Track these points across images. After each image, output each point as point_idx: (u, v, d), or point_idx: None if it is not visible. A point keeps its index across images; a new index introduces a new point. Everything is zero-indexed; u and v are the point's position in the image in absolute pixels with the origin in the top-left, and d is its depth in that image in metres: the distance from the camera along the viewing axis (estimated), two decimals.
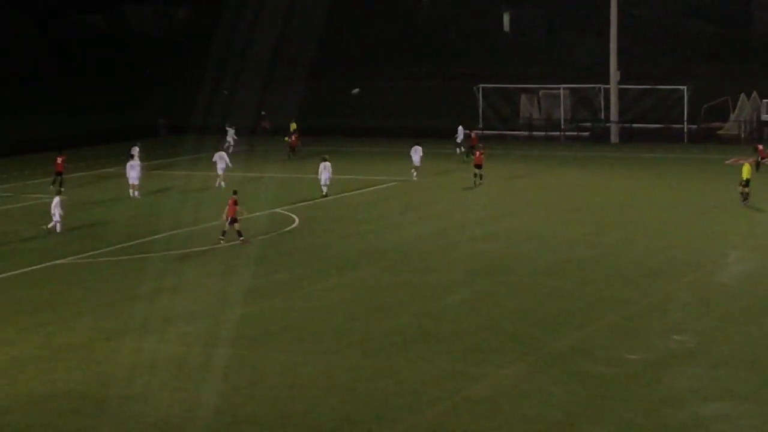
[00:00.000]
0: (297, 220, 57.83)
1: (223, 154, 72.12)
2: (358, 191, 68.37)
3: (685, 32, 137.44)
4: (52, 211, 54.96)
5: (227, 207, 52.29)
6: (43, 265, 49.45)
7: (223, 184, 69.70)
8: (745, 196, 60.64)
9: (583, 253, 50.18)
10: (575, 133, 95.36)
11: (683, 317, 39.28)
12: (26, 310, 41.72)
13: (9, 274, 47.76)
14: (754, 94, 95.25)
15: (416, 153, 73.80)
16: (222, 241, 52.06)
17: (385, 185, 70.49)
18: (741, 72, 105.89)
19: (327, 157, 67.92)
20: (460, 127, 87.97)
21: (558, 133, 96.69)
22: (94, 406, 30.98)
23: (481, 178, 69.67)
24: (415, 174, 72.62)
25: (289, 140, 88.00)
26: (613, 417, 29.62)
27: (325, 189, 65.20)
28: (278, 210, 59.73)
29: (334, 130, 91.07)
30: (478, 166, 70.35)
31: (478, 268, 47.50)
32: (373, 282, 45.74)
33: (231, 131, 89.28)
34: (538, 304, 41.46)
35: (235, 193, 54.01)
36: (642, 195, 66.24)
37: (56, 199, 55.68)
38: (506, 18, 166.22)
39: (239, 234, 52.16)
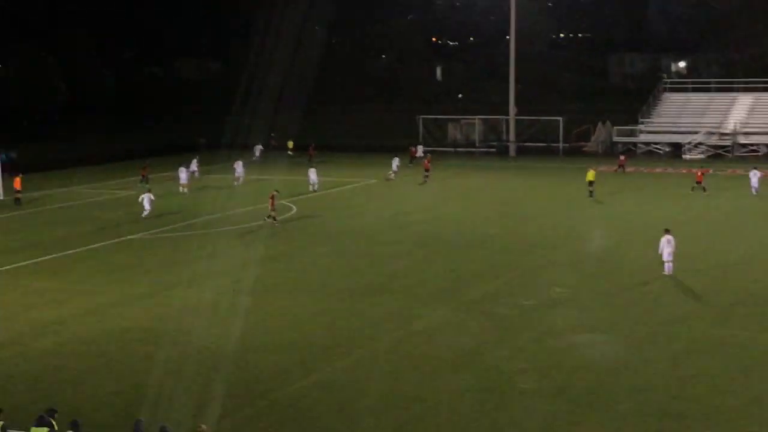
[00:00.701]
0: (295, 208, 57.79)
1: (240, 162, 72.16)
2: (336, 189, 68.31)
3: (562, 81, 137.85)
4: (144, 205, 54.62)
5: (270, 199, 52.09)
6: (121, 239, 49.37)
7: (235, 183, 70.11)
8: (590, 193, 61.07)
9: (491, 231, 50.29)
10: (486, 149, 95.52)
11: (560, 275, 39.42)
12: (108, 270, 41.71)
13: (98, 244, 47.65)
14: (608, 122, 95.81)
15: (395, 162, 74.52)
16: (276, 224, 51.75)
17: (355, 185, 70.48)
18: (598, 107, 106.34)
19: (314, 164, 68.71)
20: (421, 146, 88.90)
21: (474, 149, 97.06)
22: (155, 337, 31.12)
23: (426, 179, 70.34)
24: (392, 176, 72.89)
25: (292, 153, 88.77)
26: (511, 343, 29.95)
27: (312, 187, 65.34)
28: (282, 201, 59.66)
29: (321, 147, 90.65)
30: (427, 170, 71.09)
31: (419, 241, 47.59)
32: (346, 251, 45.80)
33: (258, 147, 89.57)
34: (459, 266, 41.62)
35: (276, 191, 53.86)
36: (531, 192, 66.43)
37: (146, 195, 55.37)
38: (438, 69, 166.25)
39: (274, 218, 51.89)
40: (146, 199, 54.79)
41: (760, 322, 32.09)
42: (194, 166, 74.27)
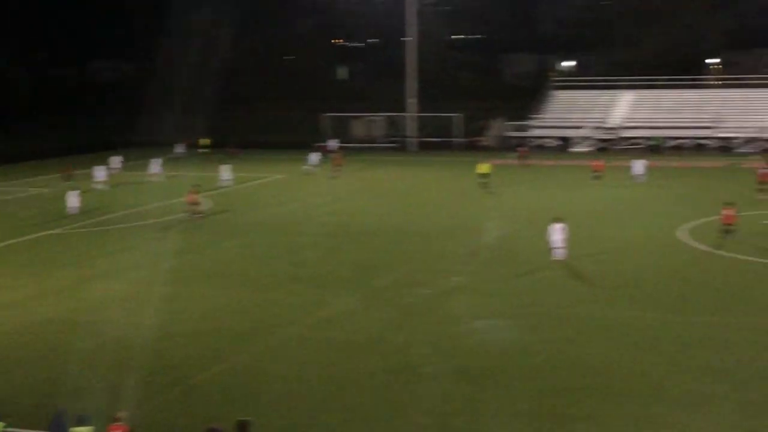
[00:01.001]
0: (209, 203, 57.31)
1: (159, 160, 71.42)
2: (247, 184, 67.93)
3: (458, 80, 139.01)
4: (71, 202, 53.65)
5: (191, 195, 51.75)
6: (39, 234, 48.41)
7: (153, 180, 69.34)
8: (484, 185, 61.52)
9: (393, 221, 50.56)
10: (388, 145, 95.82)
11: (459, 264, 39.72)
12: (26, 265, 40.92)
13: (15, 240, 46.75)
14: (501, 119, 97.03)
15: (313, 157, 75.23)
16: (197, 217, 51.39)
17: (265, 179, 70.15)
18: (493, 105, 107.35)
19: (227, 161, 68.35)
20: (333, 141, 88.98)
21: (377, 145, 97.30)
22: (73, 328, 30.57)
23: (338, 173, 70.92)
24: (313, 169, 73.26)
25: (209, 150, 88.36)
26: (413, 329, 30.11)
27: (226, 183, 64.85)
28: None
29: (231, 144, 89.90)
30: (338, 165, 71.81)
31: (327, 233, 47.56)
32: (259, 242, 45.63)
33: (181, 144, 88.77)
34: (365, 255, 41.78)
35: (196, 185, 53.63)
36: (431, 184, 66.97)
37: (72, 192, 54.38)
38: (342, 69, 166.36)
39: (196, 213, 51.51)
40: (72, 197, 53.78)
41: (645, 302, 32.81)
42: (117, 163, 73.73)
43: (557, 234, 38.76)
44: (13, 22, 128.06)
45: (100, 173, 65.87)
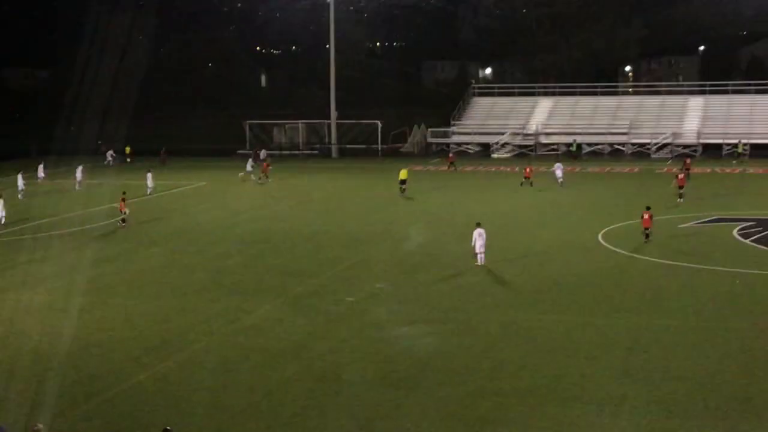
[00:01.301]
0: (127, 211, 56.47)
1: (80, 167, 70.40)
2: (169, 191, 67.21)
3: (379, 87, 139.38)
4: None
5: (120, 203, 51.34)
6: None
7: (77, 188, 68.26)
8: (402, 190, 61.94)
9: (315, 228, 50.40)
10: (309, 152, 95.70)
11: (381, 271, 39.73)
12: None
13: None
14: (422, 125, 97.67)
15: (249, 163, 74.45)
16: (124, 225, 51.03)
17: (186, 187, 69.47)
18: (414, 112, 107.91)
19: (151, 169, 67.61)
20: (264, 150, 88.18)
21: (298, 151, 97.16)
22: None
23: (265, 180, 70.64)
24: (249, 176, 72.44)
25: (130, 160, 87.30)
26: (336, 335, 30.04)
27: (148, 191, 64.20)
28: (115, 205, 58.28)
29: (155, 152, 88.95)
30: (265, 172, 71.59)
31: (248, 240, 47.32)
32: (179, 250, 45.12)
33: (110, 153, 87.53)
34: (287, 262, 41.57)
35: (124, 193, 53.26)
36: (352, 191, 66.96)
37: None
38: (263, 77, 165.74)
39: (123, 221, 51.08)
40: None
41: (564, 305, 33.18)
42: (41, 172, 72.39)
43: (479, 239, 39.15)
44: None
45: (20, 182, 64.49)
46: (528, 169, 66.49)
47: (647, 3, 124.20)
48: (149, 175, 65.81)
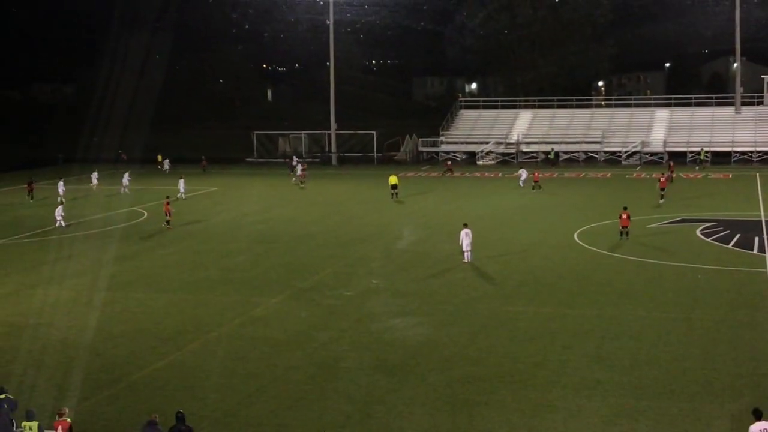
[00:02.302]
0: (146, 213, 56.59)
1: (127, 174, 70.04)
2: (188, 195, 67.05)
3: (375, 101, 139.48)
4: (56, 215, 52.00)
5: (165, 206, 51.33)
6: None
7: (122, 191, 68.06)
8: (394, 195, 61.76)
9: (316, 229, 50.37)
10: (311, 160, 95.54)
11: (375, 267, 39.77)
12: None
13: None
14: (414, 135, 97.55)
15: (299, 166, 74.92)
16: (169, 226, 50.80)
17: (201, 192, 69.34)
18: (406, 123, 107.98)
19: (183, 174, 68.19)
20: (295, 157, 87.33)
21: (301, 159, 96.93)
22: (19, 330, 29.98)
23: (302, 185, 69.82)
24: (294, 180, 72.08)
25: (161, 167, 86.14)
26: (336, 326, 30.08)
27: (180, 195, 63.43)
28: (134, 208, 58.38)
29: (173, 159, 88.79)
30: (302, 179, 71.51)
31: (255, 239, 47.30)
32: (192, 249, 45.07)
33: (167, 161, 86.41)
34: (291, 260, 41.54)
35: (167, 197, 53.49)
36: (350, 195, 66.89)
37: (59, 208, 52.78)
38: (269, 92, 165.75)
39: (168, 222, 50.99)
40: (59, 210, 52.40)
41: (542, 298, 33.24)
42: (94, 179, 71.37)
43: (465, 238, 39.29)
44: None
45: (61, 188, 63.43)
46: (536, 174, 66.49)
47: (618, 23, 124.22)
48: (181, 181, 65.25)
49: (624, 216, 43.98)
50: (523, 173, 68.06)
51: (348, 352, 27.03)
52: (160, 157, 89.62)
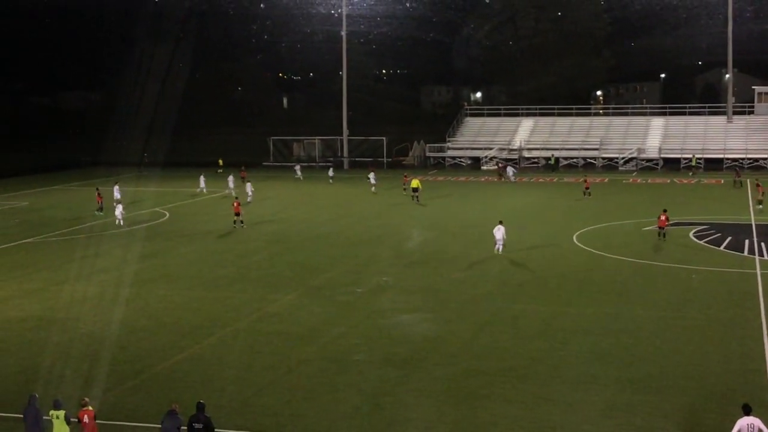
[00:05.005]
0: (167, 214, 56.65)
1: (202, 177, 70.46)
2: (203, 198, 67.20)
3: (385, 108, 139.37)
4: (117, 213, 51.97)
5: (234, 206, 51.43)
6: (17, 243, 47.38)
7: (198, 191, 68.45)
8: (414, 198, 61.58)
9: (328, 229, 50.35)
10: (324, 164, 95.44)
11: (385, 266, 39.75)
12: (5, 269, 39.95)
13: None
14: (422, 141, 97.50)
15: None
16: (242, 226, 50.70)
17: (219, 194, 69.36)
18: (414, 129, 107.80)
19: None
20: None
21: (314, 164, 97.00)
22: (48, 324, 30.06)
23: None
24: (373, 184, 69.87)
25: (221, 170, 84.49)
26: (347, 322, 30.06)
27: (249, 198, 62.21)
28: (156, 209, 58.47)
29: (189, 163, 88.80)
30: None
31: (272, 239, 47.31)
32: (211, 248, 45.10)
33: (298, 166, 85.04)
34: (304, 259, 41.52)
35: (236, 198, 54.20)
36: (361, 197, 66.77)
37: (119, 206, 52.75)
38: (285, 99, 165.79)
39: (241, 221, 50.99)
40: (118, 209, 52.39)
41: (543, 297, 33.16)
42: (202, 182, 70.31)
43: (497, 232, 40.81)
44: None
45: (116, 194, 60.30)
46: (587, 181, 65.23)
47: (616, 36, 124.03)
48: (249, 184, 63.99)
49: (663, 217, 44.02)
50: (512, 172, 72.94)
51: (358, 347, 27.01)
52: (221, 162, 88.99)
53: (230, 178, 69.04)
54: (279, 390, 23.27)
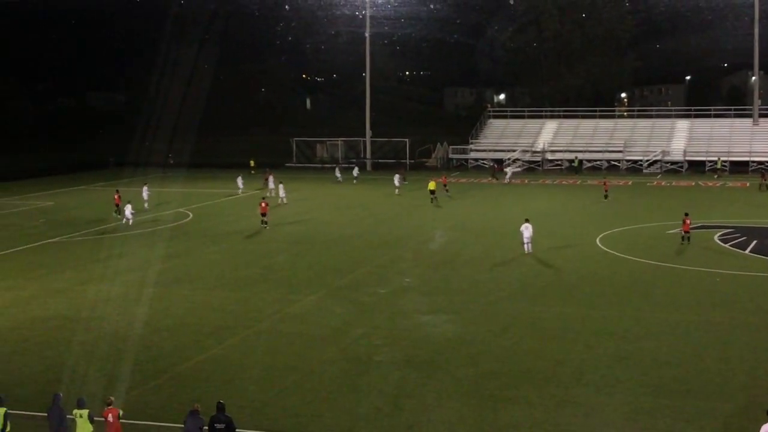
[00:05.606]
0: (191, 215, 56.88)
1: (240, 177, 71.10)
2: (225, 199, 67.46)
3: (408, 110, 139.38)
4: (127, 214, 52.06)
5: (261, 206, 51.52)
6: (41, 242, 47.71)
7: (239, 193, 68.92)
8: (432, 200, 61.53)
9: (351, 231, 50.37)
10: (347, 165, 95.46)
11: (407, 267, 39.74)
12: (30, 269, 40.24)
13: (21, 248, 46.02)
14: (445, 143, 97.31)
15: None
16: (266, 227, 50.84)
17: (240, 195, 69.57)
18: (437, 131, 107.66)
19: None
20: (338, 168, 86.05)
21: (337, 165, 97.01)
22: (72, 323, 30.24)
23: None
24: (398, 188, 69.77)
25: (254, 172, 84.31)
26: (369, 322, 30.04)
27: (281, 200, 62.50)
28: (180, 209, 58.71)
29: (213, 165, 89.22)
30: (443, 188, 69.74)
31: (293, 240, 47.37)
32: (234, 249, 45.25)
33: (356, 169, 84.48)
34: (326, 260, 41.56)
35: (263, 198, 54.51)
36: (383, 199, 66.74)
37: (128, 206, 52.56)
38: (308, 101, 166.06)
39: (266, 223, 51.10)
40: (128, 209, 52.47)
41: (565, 299, 33.01)
42: (240, 183, 70.96)
43: (526, 231, 41.28)
44: (18, 58, 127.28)
45: (145, 194, 60.88)
46: (605, 183, 65.60)
47: (640, 37, 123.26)
48: (281, 186, 63.96)
49: (687, 221, 43.75)
50: (510, 171, 77.43)
51: (380, 348, 26.98)
52: (252, 162, 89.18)
53: (270, 178, 69.00)
54: (300, 391, 23.28)
